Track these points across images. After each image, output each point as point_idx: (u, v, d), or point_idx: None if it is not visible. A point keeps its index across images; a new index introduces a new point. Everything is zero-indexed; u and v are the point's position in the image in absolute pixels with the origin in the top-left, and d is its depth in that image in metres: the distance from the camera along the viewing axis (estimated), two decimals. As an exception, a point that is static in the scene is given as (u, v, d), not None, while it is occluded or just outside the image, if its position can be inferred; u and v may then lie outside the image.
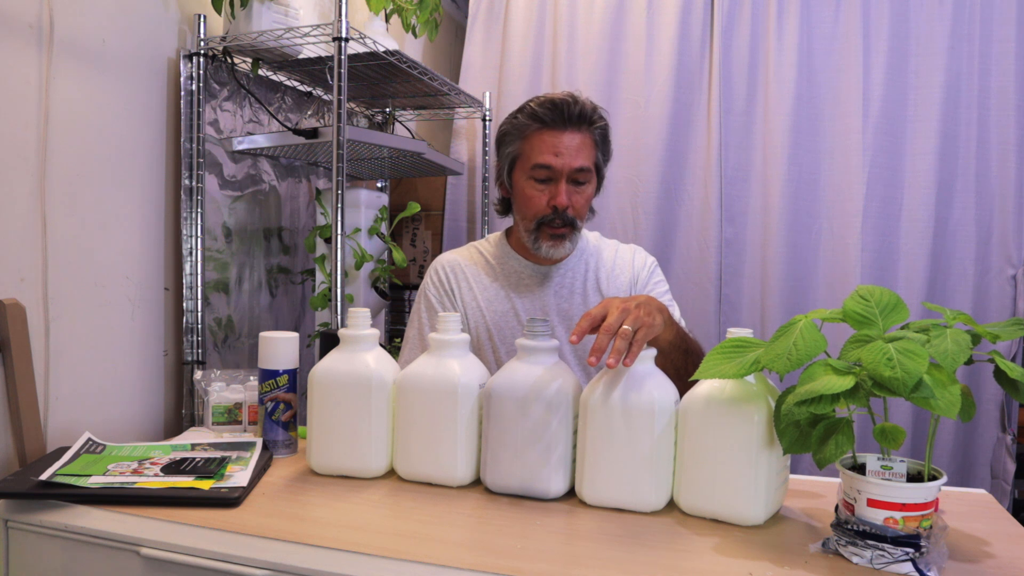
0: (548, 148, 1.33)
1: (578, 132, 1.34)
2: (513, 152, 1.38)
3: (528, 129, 1.35)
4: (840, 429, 0.82)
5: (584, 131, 1.35)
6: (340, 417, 1.09)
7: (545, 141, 1.33)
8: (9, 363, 1.14)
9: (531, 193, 1.36)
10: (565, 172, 1.33)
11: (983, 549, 0.89)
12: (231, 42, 1.52)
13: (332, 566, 0.82)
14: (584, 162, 1.34)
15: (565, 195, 1.33)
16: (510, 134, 1.39)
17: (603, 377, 1.00)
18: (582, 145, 1.34)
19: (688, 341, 1.25)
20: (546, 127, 1.33)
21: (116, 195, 1.38)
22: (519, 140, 1.37)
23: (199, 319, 1.53)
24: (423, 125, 2.52)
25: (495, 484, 1.04)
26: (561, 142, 1.32)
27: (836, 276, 2.07)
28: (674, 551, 0.87)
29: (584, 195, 1.37)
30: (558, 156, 1.32)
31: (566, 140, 1.33)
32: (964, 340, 0.81)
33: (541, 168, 1.33)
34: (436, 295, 1.46)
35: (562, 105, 1.33)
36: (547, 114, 1.33)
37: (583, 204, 1.37)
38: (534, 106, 1.35)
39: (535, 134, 1.34)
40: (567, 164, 1.33)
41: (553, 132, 1.33)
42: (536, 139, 1.34)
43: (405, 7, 1.80)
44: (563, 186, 1.33)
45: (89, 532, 0.92)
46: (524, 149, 1.36)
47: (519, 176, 1.39)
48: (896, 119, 2.03)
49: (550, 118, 1.33)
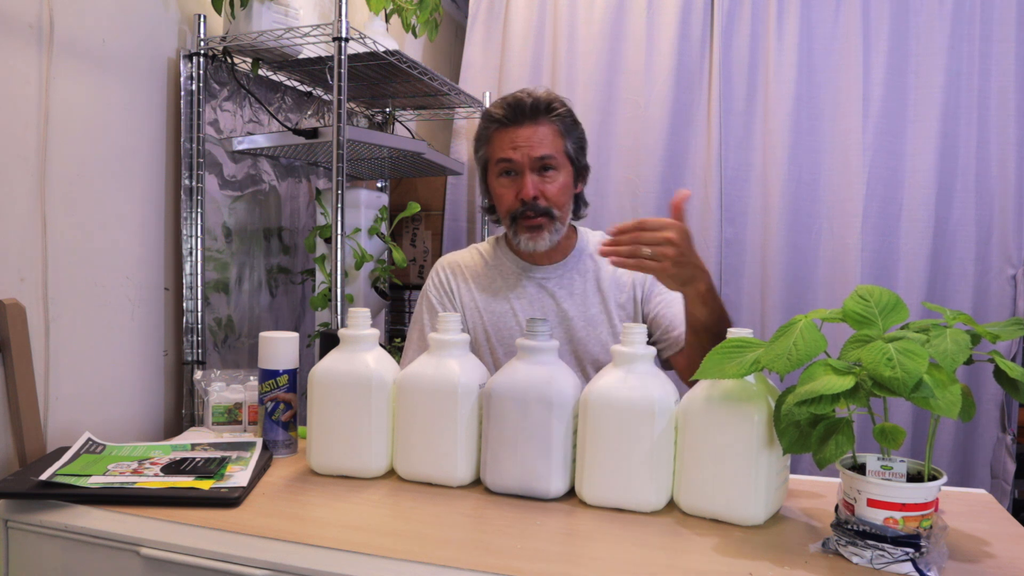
0: (507, 144, 1.36)
1: (535, 124, 1.36)
2: (483, 157, 1.43)
3: (489, 131, 1.40)
4: (840, 429, 0.82)
5: (542, 122, 1.37)
6: (340, 417, 1.09)
7: (504, 138, 1.37)
8: (9, 363, 1.14)
9: (500, 191, 1.40)
10: (526, 163, 1.35)
11: (983, 549, 0.89)
12: (231, 42, 1.52)
13: (332, 566, 0.82)
14: (545, 151, 1.36)
15: (531, 186, 1.35)
16: (479, 140, 1.43)
17: (603, 377, 1.00)
18: (542, 136, 1.36)
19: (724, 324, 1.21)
20: (503, 126, 1.37)
21: (116, 195, 1.38)
22: (485, 144, 1.41)
23: (199, 319, 1.53)
24: (423, 125, 2.52)
25: (495, 484, 1.04)
26: (518, 136, 1.36)
27: (836, 276, 2.07)
28: (674, 551, 0.87)
29: (556, 184, 1.37)
30: (516, 149, 1.36)
31: (523, 133, 1.36)
32: (964, 340, 0.81)
33: (503, 162, 1.37)
34: (437, 296, 1.46)
35: (515, 102, 1.36)
36: (502, 113, 1.37)
37: (555, 192, 1.37)
38: (491, 108, 1.40)
39: (495, 134, 1.39)
40: (526, 155, 1.35)
41: (510, 129, 1.37)
42: (496, 138, 1.38)
43: (405, 7, 1.80)
44: (527, 178, 1.35)
45: (89, 532, 0.92)
46: (489, 151, 1.41)
47: (491, 178, 1.42)
48: (896, 119, 2.03)
49: (504, 116, 1.37)
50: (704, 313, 1.20)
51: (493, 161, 1.40)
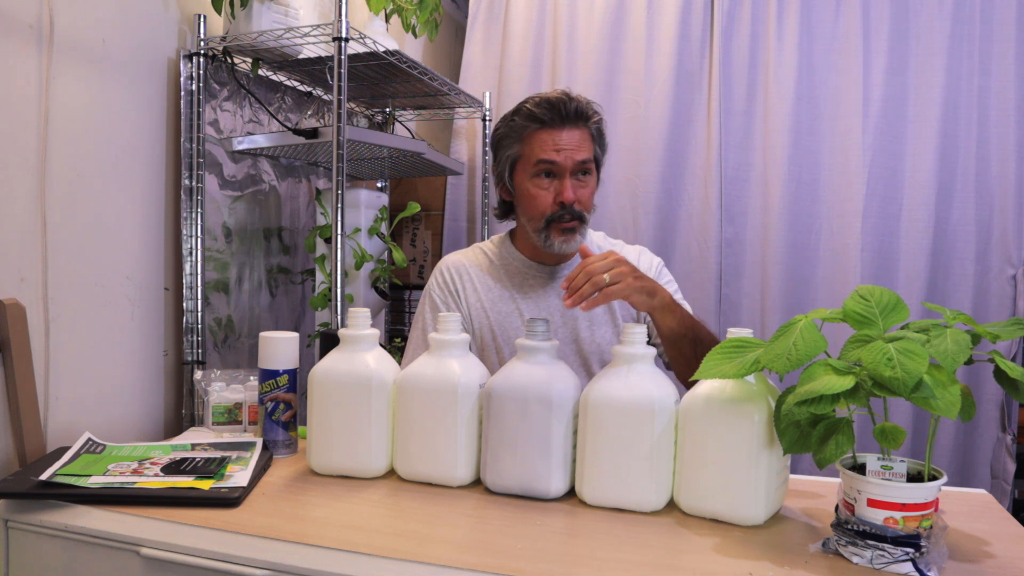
0: (549, 146, 1.34)
1: (576, 128, 1.35)
2: (513, 154, 1.39)
3: (526, 130, 1.36)
4: (840, 429, 0.82)
5: (581, 127, 1.36)
6: (340, 417, 1.09)
7: (545, 139, 1.34)
8: (9, 363, 1.14)
9: (536, 192, 1.36)
10: (569, 167, 1.34)
11: (983, 549, 0.89)
12: (231, 42, 1.52)
13: (332, 566, 0.82)
14: (585, 155, 1.36)
15: (571, 190, 1.34)
16: (508, 137, 1.39)
17: (603, 377, 1.00)
18: (582, 140, 1.36)
19: (698, 330, 1.27)
20: (544, 126, 1.35)
21: (116, 195, 1.38)
22: (518, 142, 1.38)
23: (199, 319, 1.53)
24: (423, 125, 2.52)
25: (495, 484, 1.04)
26: (561, 139, 1.34)
27: (836, 276, 2.07)
28: (674, 551, 0.87)
29: (588, 189, 1.38)
30: (560, 152, 1.34)
31: (565, 136, 1.34)
32: (964, 340, 0.81)
33: (544, 164, 1.34)
34: (440, 296, 1.46)
35: (558, 103, 1.34)
36: (544, 113, 1.34)
37: (588, 198, 1.38)
38: (530, 107, 1.36)
39: (534, 134, 1.35)
40: (570, 158, 1.34)
41: (552, 130, 1.34)
42: (536, 138, 1.35)
43: (405, 7, 1.80)
44: (568, 181, 1.35)
45: (89, 532, 0.92)
46: (524, 150, 1.37)
47: (521, 177, 1.39)
48: (896, 119, 2.03)
49: (548, 117, 1.34)
50: (674, 321, 1.25)
51: (530, 161, 1.36)
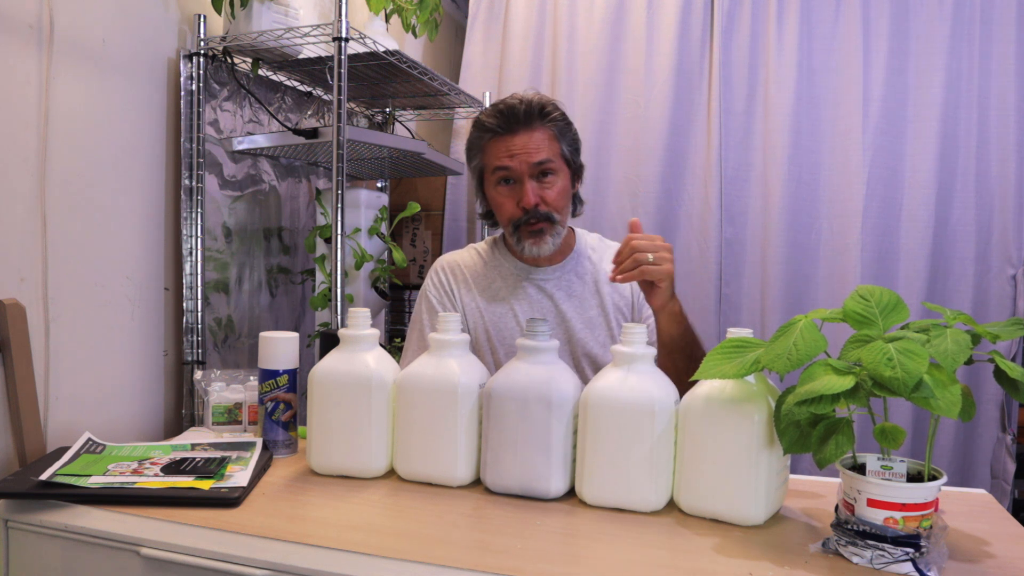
0: (503, 152, 1.35)
1: (530, 130, 1.35)
2: (478, 166, 1.42)
3: (483, 140, 1.38)
4: (840, 429, 0.82)
5: (537, 127, 1.36)
6: (340, 417, 1.09)
7: (499, 147, 1.36)
8: (9, 363, 1.14)
9: (500, 200, 1.38)
10: (524, 171, 1.34)
11: (983, 549, 0.89)
12: (231, 42, 1.52)
13: (332, 566, 0.82)
14: (543, 156, 1.35)
15: (531, 193, 1.34)
16: (471, 149, 1.42)
17: (603, 377, 1.00)
18: (539, 141, 1.35)
19: (695, 348, 1.27)
20: (497, 134, 1.36)
21: (116, 195, 1.38)
22: (479, 153, 1.40)
23: (199, 319, 1.53)
24: (423, 125, 2.52)
25: (495, 484, 1.04)
26: (514, 144, 1.34)
27: (836, 276, 2.07)
28: (674, 551, 0.87)
29: (555, 188, 1.37)
30: (513, 157, 1.34)
31: (518, 142, 1.34)
32: (964, 340, 0.81)
33: (500, 170, 1.36)
34: (436, 296, 1.46)
35: (507, 110, 1.35)
36: (494, 122, 1.35)
37: (555, 197, 1.37)
38: (483, 117, 1.38)
39: (489, 143, 1.37)
40: (524, 162, 1.34)
41: (504, 137, 1.35)
42: (491, 147, 1.37)
43: (405, 7, 1.80)
44: (527, 185, 1.35)
45: (89, 532, 0.92)
46: (485, 160, 1.40)
47: (488, 187, 1.41)
48: (896, 119, 2.03)
49: (498, 125, 1.35)
50: (678, 331, 1.25)
51: (489, 170, 1.38)
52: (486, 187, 1.42)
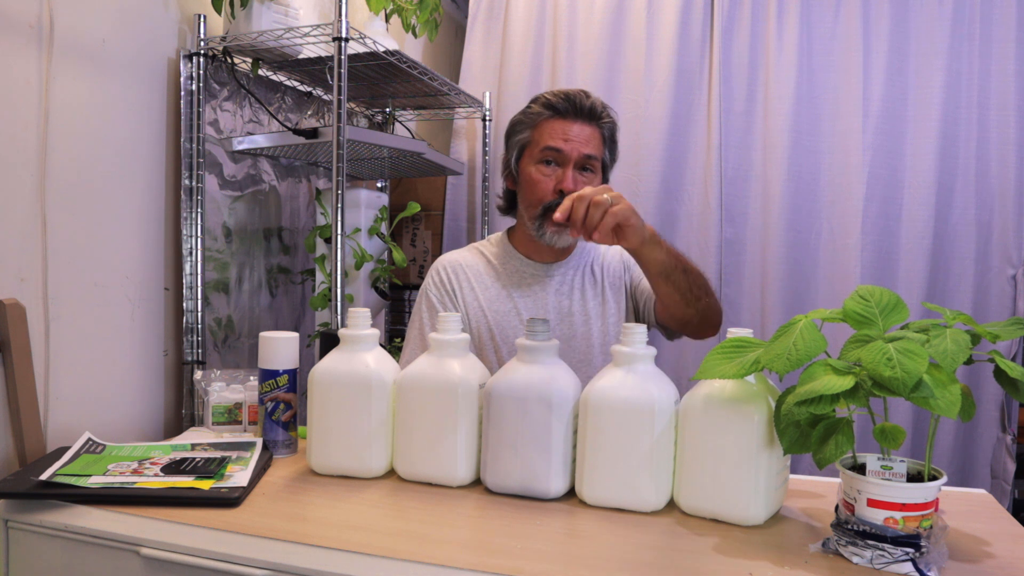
0: (558, 134, 1.36)
1: (588, 124, 1.38)
2: (523, 140, 1.42)
3: (540, 117, 1.39)
4: (840, 429, 0.82)
5: (593, 125, 1.39)
6: (340, 417, 1.09)
7: (556, 128, 1.37)
8: (9, 363, 1.14)
9: (538, 178, 1.38)
10: (573, 157, 1.36)
11: (983, 549, 0.89)
12: (231, 42, 1.52)
13: (332, 566, 0.82)
14: (592, 151, 1.37)
15: (572, 180, 1.35)
16: (522, 123, 1.42)
17: (603, 377, 1.00)
18: (591, 136, 1.38)
19: (685, 261, 1.27)
20: (557, 115, 1.38)
21: (116, 195, 1.38)
22: (530, 128, 1.41)
23: (199, 319, 1.53)
24: (423, 125, 2.52)
25: (495, 484, 1.04)
26: (571, 130, 1.36)
27: (836, 276, 2.07)
28: (674, 551, 0.87)
29: (590, 184, 1.37)
30: (567, 142, 1.36)
31: (576, 129, 1.37)
32: (964, 340, 0.81)
33: (550, 151, 1.37)
34: (437, 295, 1.46)
35: (575, 97, 1.37)
36: (560, 103, 1.37)
37: None
38: (548, 96, 1.40)
39: (546, 121, 1.38)
40: (576, 149, 1.36)
41: (564, 120, 1.37)
42: (547, 126, 1.38)
43: (405, 7, 1.81)
44: (570, 172, 1.36)
45: (89, 532, 0.92)
46: (534, 136, 1.40)
47: (527, 163, 1.41)
48: (896, 119, 2.03)
49: (563, 107, 1.37)
50: (662, 254, 1.22)
51: (538, 146, 1.38)
52: (524, 162, 1.42)
